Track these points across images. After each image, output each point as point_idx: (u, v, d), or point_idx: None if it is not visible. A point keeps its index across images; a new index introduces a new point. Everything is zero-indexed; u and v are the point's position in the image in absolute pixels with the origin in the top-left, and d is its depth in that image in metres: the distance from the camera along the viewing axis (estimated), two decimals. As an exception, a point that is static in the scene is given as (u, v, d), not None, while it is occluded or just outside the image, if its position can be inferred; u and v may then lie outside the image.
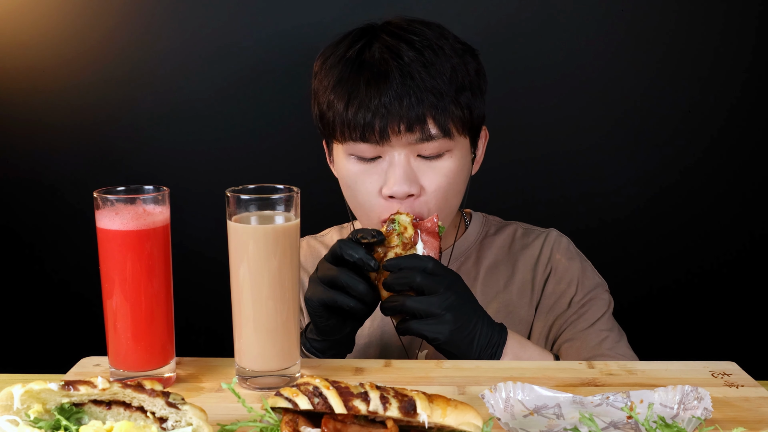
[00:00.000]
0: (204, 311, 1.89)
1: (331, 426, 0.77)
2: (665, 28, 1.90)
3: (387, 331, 1.38)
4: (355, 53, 1.25)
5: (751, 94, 1.93)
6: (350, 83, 1.23)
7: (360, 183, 1.25)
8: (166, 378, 1.01)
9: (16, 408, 0.80)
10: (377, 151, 1.22)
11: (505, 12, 1.90)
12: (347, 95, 1.22)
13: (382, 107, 1.19)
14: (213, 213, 1.62)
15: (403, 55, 1.22)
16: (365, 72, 1.22)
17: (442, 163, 1.23)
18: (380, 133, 1.20)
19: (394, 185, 1.21)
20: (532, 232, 1.44)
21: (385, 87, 1.20)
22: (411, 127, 1.20)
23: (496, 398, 0.91)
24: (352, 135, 1.22)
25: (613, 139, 1.96)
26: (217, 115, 1.95)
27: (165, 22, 1.92)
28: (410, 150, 1.22)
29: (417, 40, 1.24)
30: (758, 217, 1.99)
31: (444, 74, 1.22)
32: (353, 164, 1.25)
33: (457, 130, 1.23)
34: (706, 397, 0.88)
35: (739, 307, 2.03)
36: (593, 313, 1.34)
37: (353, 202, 1.29)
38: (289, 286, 0.99)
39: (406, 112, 1.19)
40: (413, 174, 1.22)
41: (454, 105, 1.22)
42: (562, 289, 1.37)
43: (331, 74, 1.26)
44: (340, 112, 1.22)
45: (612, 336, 1.32)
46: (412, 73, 1.20)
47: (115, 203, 0.97)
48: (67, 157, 1.97)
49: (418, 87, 1.20)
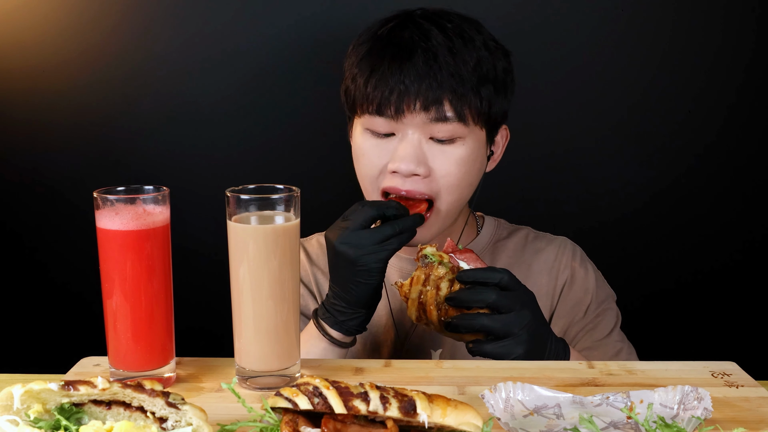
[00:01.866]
0: (204, 311, 1.88)
1: (331, 426, 0.77)
2: (665, 28, 1.90)
3: (402, 332, 1.38)
4: (386, 32, 1.27)
5: (751, 94, 1.93)
6: (375, 59, 1.25)
7: (369, 156, 1.27)
8: (166, 378, 1.01)
9: (16, 408, 0.80)
10: (392, 127, 1.24)
11: (505, 12, 1.89)
12: (370, 69, 1.24)
13: (401, 84, 1.21)
14: (213, 213, 1.62)
15: (431, 38, 1.23)
16: (391, 49, 1.24)
17: (453, 149, 1.24)
18: (395, 109, 1.22)
19: (400, 162, 1.23)
20: (544, 237, 1.46)
21: (407, 65, 1.22)
22: (427, 107, 1.21)
23: (496, 398, 0.91)
24: (369, 108, 1.24)
25: (613, 139, 1.96)
26: (217, 116, 1.95)
27: (165, 23, 1.92)
28: (423, 131, 1.23)
29: (450, 27, 1.25)
30: (758, 217, 1.99)
31: (469, 63, 1.23)
32: (367, 139, 1.27)
33: (473, 118, 1.24)
34: (706, 397, 0.88)
35: (739, 307, 2.03)
36: (606, 323, 1.36)
37: (358, 172, 1.32)
38: (289, 286, 0.99)
39: (424, 92, 1.21)
40: (422, 155, 1.24)
41: (473, 94, 1.23)
42: (579, 297, 1.38)
43: (360, 50, 1.28)
44: (360, 85, 1.25)
45: (626, 348, 1.34)
46: (437, 55, 1.22)
47: (115, 203, 0.97)
48: (67, 157, 1.97)
49: (440, 69, 1.21)
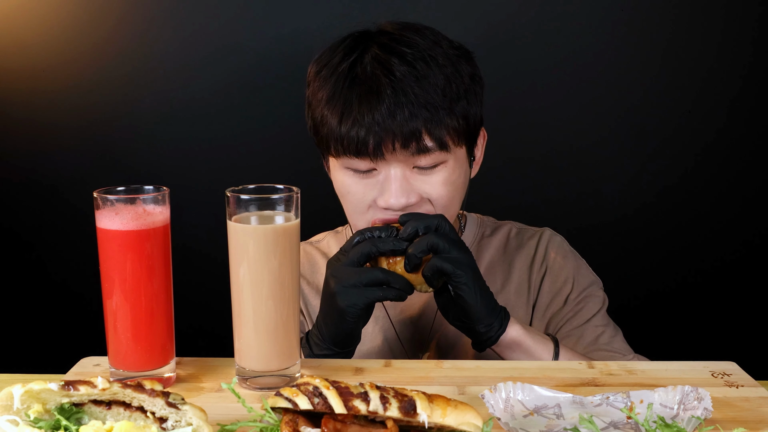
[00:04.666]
0: (204, 311, 1.88)
1: (331, 426, 0.77)
2: (665, 28, 1.90)
3: (388, 337, 1.38)
4: (347, 67, 1.23)
5: (751, 94, 1.93)
6: (343, 99, 1.21)
7: (354, 194, 1.24)
8: (166, 378, 1.01)
9: (16, 408, 0.80)
10: (372, 165, 1.21)
11: (505, 13, 1.90)
12: (340, 112, 1.20)
13: (375, 124, 1.17)
14: (213, 213, 1.62)
15: (394, 70, 1.20)
16: (357, 88, 1.20)
17: (438, 175, 1.22)
18: (374, 150, 1.18)
19: (390, 198, 1.20)
20: (527, 232, 1.44)
21: (377, 103, 1.18)
22: (406, 143, 1.18)
23: (496, 398, 0.91)
24: (346, 151, 1.20)
25: (613, 139, 1.96)
26: (217, 115, 1.95)
27: (165, 23, 1.92)
28: (406, 164, 1.21)
29: (409, 53, 1.22)
30: (758, 217, 1.99)
31: (437, 87, 1.20)
32: (348, 176, 1.24)
33: (453, 141, 1.22)
34: (706, 397, 0.88)
35: (739, 307, 2.03)
36: (589, 309, 1.34)
37: (346, 207, 1.29)
38: (289, 286, 0.99)
39: (399, 128, 1.17)
40: (409, 186, 1.21)
41: (449, 117, 1.20)
42: (558, 288, 1.37)
43: (325, 88, 1.24)
44: (333, 127, 1.21)
45: (608, 331, 1.32)
46: (404, 88, 1.18)
47: (115, 203, 0.97)
48: (67, 157, 1.97)
49: (411, 102, 1.18)
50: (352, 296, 1.12)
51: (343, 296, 1.12)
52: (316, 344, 1.18)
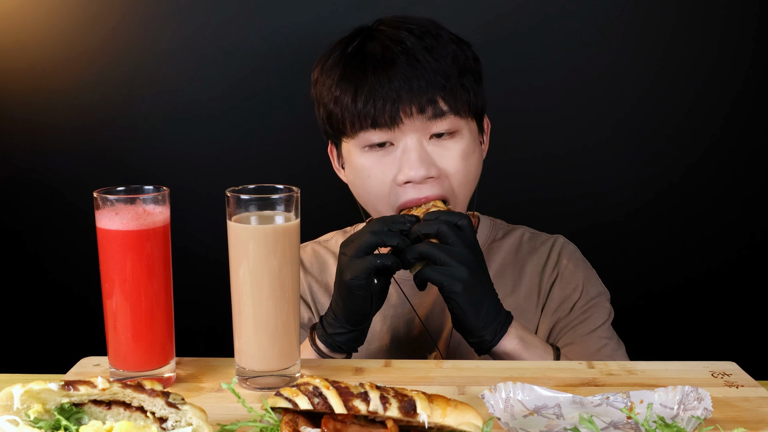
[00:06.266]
0: (204, 311, 1.88)
1: (331, 426, 0.77)
2: (665, 28, 1.90)
3: (396, 336, 1.38)
4: (356, 48, 1.26)
5: (751, 94, 1.93)
6: (356, 75, 1.23)
7: (374, 175, 1.25)
8: (166, 378, 1.01)
9: (16, 408, 0.80)
10: (389, 137, 1.23)
11: (505, 12, 1.89)
12: (354, 87, 1.22)
13: (393, 92, 1.20)
14: (213, 213, 1.62)
15: (405, 41, 1.23)
16: (370, 62, 1.23)
17: (455, 144, 1.24)
18: (392, 118, 1.20)
19: (410, 170, 1.21)
20: (540, 237, 1.45)
21: (393, 72, 1.20)
22: (423, 108, 1.20)
23: (496, 398, 0.91)
24: (363, 124, 1.22)
25: (613, 139, 1.96)
26: (217, 115, 1.95)
27: (165, 22, 1.92)
28: (423, 132, 1.23)
29: (415, 28, 1.25)
30: (758, 217, 1.99)
31: (446, 58, 1.23)
32: (366, 157, 1.25)
33: (465, 110, 1.25)
34: (706, 398, 0.88)
35: (739, 308, 2.03)
36: (594, 320, 1.34)
37: (367, 195, 1.29)
38: (289, 286, 0.99)
39: (416, 95, 1.20)
40: (428, 156, 1.23)
41: (460, 86, 1.23)
42: (567, 294, 1.37)
43: (334, 73, 1.26)
44: (348, 104, 1.23)
45: (611, 344, 1.32)
46: (417, 56, 1.21)
47: (115, 203, 0.97)
48: (67, 157, 1.97)
49: (425, 69, 1.20)
50: (353, 267, 1.12)
51: (346, 269, 1.13)
52: (330, 324, 1.18)
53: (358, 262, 1.12)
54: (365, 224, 1.21)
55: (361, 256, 1.12)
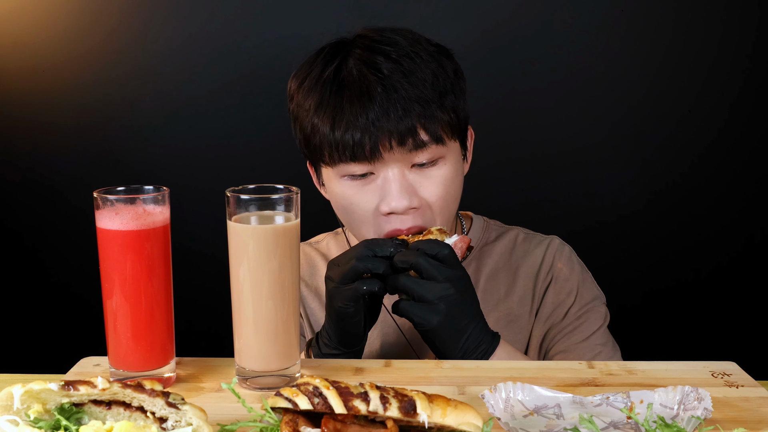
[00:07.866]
0: (204, 311, 1.89)
1: (331, 426, 0.77)
2: (665, 28, 1.90)
3: (395, 340, 1.37)
4: (332, 73, 1.21)
5: (751, 94, 1.93)
6: (333, 104, 1.19)
7: (355, 203, 1.22)
8: (166, 378, 1.01)
9: (16, 408, 0.80)
10: (370, 168, 1.20)
11: (505, 13, 1.90)
12: (332, 117, 1.18)
13: (370, 124, 1.16)
14: (213, 213, 1.62)
15: (381, 68, 1.19)
16: (346, 91, 1.19)
17: (437, 171, 1.21)
18: (371, 152, 1.17)
19: (392, 201, 1.18)
20: (534, 238, 1.42)
21: (369, 103, 1.17)
22: (402, 141, 1.17)
23: (496, 398, 0.91)
24: (342, 156, 1.19)
25: (613, 139, 1.96)
26: (217, 115, 1.95)
27: (165, 23, 1.92)
28: (404, 163, 1.19)
29: (392, 51, 1.21)
30: (758, 217, 1.99)
31: (426, 81, 1.19)
32: (347, 185, 1.22)
33: (447, 135, 1.21)
34: (706, 398, 0.88)
35: (739, 307, 2.03)
36: (589, 326, 1.32)
37: (351, 221, 1.26)
38: (289, 286, 0.99)
39: (395, 126, 1.16)
40: (410, 186, 1.20)
41: (440, 110, 1.19)
42: (561, 299, 1.35)
43: (311, 97, 1.22)
44: (326, 134, 1.19)
45: (606, 351, 1.30)
46: (394, 84, 1.17)
47: (115, 203, 0.97)
48: (67, 157, 1.97)
49: (403, 98, 1.17)
50: (340, 296, 1.11)
51: (335, 298, 1.12)
52: (324, 344, 1.18)
53: (344, 290, 1.11)
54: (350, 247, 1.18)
55: (347, 284, 1.11)
